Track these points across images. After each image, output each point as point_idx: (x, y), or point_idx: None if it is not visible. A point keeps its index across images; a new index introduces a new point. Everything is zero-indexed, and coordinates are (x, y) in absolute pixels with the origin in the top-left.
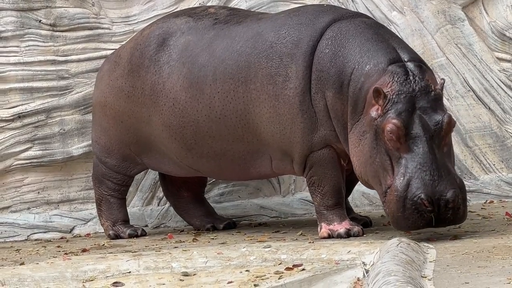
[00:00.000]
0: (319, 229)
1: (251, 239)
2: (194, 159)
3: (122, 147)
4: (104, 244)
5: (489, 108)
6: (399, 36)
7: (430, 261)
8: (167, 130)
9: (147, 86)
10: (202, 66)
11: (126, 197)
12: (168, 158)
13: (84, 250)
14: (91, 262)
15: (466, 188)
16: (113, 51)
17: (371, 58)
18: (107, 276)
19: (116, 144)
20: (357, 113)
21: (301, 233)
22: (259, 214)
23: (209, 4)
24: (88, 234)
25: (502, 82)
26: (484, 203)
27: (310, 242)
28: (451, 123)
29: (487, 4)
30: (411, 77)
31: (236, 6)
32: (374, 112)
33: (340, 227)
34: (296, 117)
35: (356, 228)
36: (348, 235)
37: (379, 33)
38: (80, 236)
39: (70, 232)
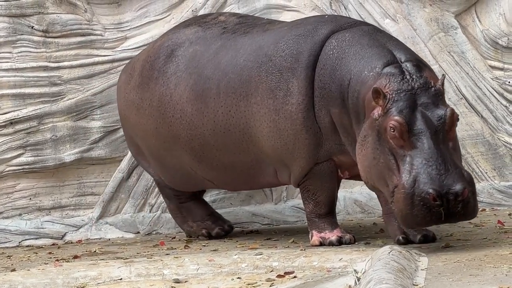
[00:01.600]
0: (310, 236)
1: (242, 246)
2: (206, 170)
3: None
4: (95, 251)
5: (482, 116)
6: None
7: (421, 269)
8: (177, 142)
9: (155, 97)
10: (207, 78)
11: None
12: (181, 173)
13: (75, 257)
14: (83, 269)
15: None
16: (130, 60)
17: (365, 65)
18: (98, 283)
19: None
20: (360, 122)
21: (293, 241)
22: (251, 221)
23: (200, 11)
24: (80, 241)
25: (495, 90)
26: None
27: (301, 250)
28: (453, 117)
29: (480, 12)
30: (407, 76)
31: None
32: (375, 114)
33: (332, 235)
34: (300, 133)
35: (348, 236)
36: (339, 242)
37: (375, 38)
38: (71, 243)
39: (61, 238)
